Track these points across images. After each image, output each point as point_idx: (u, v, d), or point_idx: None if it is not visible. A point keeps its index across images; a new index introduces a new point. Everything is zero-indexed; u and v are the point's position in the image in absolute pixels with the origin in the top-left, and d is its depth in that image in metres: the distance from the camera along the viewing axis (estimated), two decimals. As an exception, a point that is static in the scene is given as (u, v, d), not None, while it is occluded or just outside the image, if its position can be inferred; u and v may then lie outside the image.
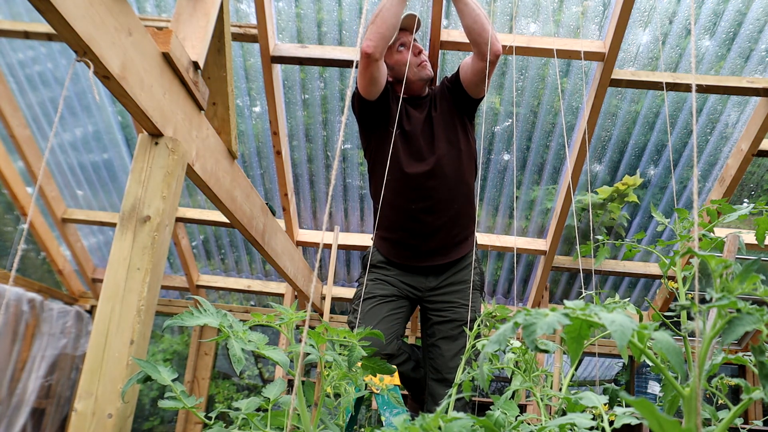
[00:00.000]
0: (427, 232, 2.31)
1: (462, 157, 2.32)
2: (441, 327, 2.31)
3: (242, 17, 3.31)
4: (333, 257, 2.16)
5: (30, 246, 4.43)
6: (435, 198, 2.29)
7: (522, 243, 3.93)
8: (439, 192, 2.29)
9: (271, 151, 3.72)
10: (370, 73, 2.15)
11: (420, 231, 2.32)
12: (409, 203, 2.29)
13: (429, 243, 2.33)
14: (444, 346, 2.28)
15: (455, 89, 2.33)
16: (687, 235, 1.19)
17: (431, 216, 2.30)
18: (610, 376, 7.08)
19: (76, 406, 1.37)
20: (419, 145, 2.29)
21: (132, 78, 1.39)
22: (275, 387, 1.21)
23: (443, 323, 2.31)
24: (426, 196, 2.28)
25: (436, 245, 2.33)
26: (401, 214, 2.32)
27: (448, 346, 2.28)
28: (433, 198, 2.29)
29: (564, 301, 0.64)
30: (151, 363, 1.15)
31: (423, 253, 2.34)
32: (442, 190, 2.29)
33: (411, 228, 2.32)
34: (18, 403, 3.95)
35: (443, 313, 2.32)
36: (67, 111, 3.75)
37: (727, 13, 2.93)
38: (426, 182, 2.27)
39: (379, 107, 2.27)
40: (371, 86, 2.20)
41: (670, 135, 3.42)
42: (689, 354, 1.06)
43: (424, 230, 2.31)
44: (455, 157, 2.31)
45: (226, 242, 4.44)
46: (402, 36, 2.29)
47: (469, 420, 0.76)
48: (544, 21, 3.09)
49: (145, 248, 1.48)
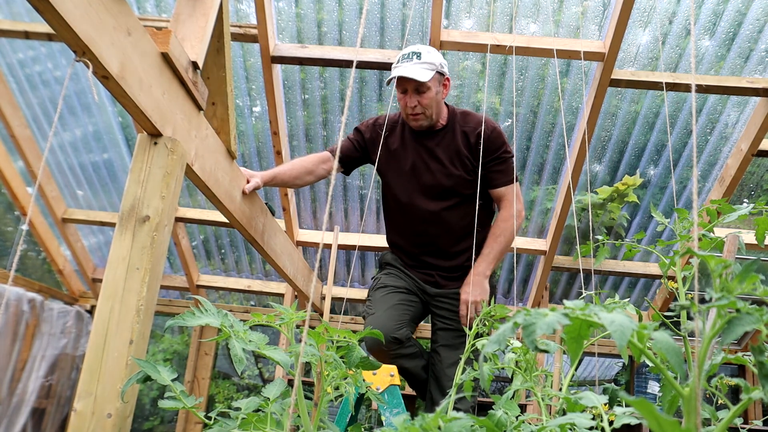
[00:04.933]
0: (425, 254, 2.38)
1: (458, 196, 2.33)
2: (443, 334, 2.34)
3: (242, 17, 3.31)
4: (333, 257, 2.16)
5: (30, 246, 4.43)
6: (429, 233, 2.35)
7: (522, 243, 3.92)
8: (432, 227, 2.34)
9: (271, 151, 3.72)
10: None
11: (420, 252, 2.39)
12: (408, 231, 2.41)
13: (429, 262, 2.38)
14: (443, 353, 2.31)
15: (480, 163, 2.20)
16: (687, 235, 1.19)
17: (427, 248, 2.37)
18: (609, 376, 7.07)
19: (75, 405, 1.37)
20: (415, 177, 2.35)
21: (131, 78, 1.39)
22: (275, 387, 1.21)
23: (446, 330, 2.35)
24: (420, 231, 2.36)
25: (436, 266, 2.37)
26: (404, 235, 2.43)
27: (447, 353, 2.29)
28: (427, 233, 2.35)
29: (564, 301, 0.64)
30: (150, 363, 1.15)
31: (425, 266, 2.39)
32: (435, 227, 2.34)
33: (413, 244, 2.40)
34: (18, 403, 3.95)
35: (446, 321, 2.35)
36: (67, 111, 3.75)
37: (727, 13, 2.93)
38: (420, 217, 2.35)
39: (373, 150, 2.37)
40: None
41: (670, 135, 3.42)
42: (689, 354, 1.06)
43: (423, 253, 2.39)
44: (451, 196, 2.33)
45: (226, 242, 4.44)
46: (404, 83, 2.20)
47: (469, 420, 0.76)
48: (544, 21, 3.09)
49: (144, 248, 1.47)
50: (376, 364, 1.29)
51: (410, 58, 2.16)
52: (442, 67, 2.20)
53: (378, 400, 1.35)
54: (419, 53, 2.17)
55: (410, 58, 2.17)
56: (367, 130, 2.40)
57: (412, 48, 2.21)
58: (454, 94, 3.44)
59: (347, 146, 2.41)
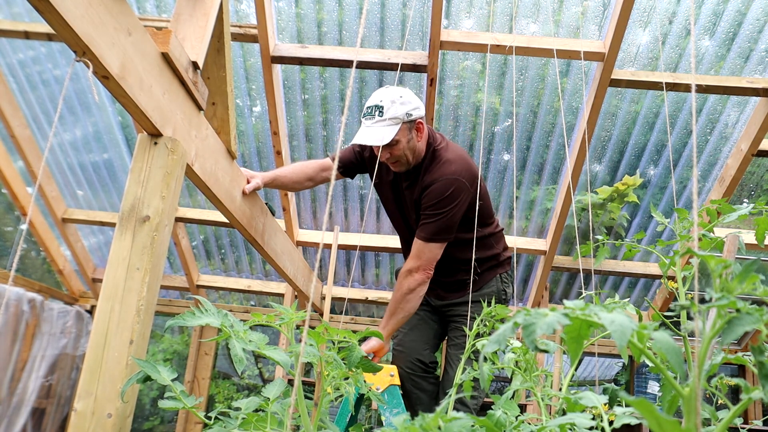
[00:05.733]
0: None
1: None
2: (451, 351, 2.40)
3: (242, 17, 3.31)
4: (333, 257, 2.16)
5: (30, 246, 4.43)
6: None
7: (522, 243, 3.93)
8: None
9: (271, 151, 3.72)
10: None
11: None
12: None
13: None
14: (450, 372, 2.37)
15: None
16: (687, 235, 1.19)
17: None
18: (609, 376, 7.07)
19: (75, 405, 1.37)
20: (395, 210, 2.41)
21: (131, 78, 1.39)
22: (275, 387, 1.21)
23: (454, 347, 2.41)
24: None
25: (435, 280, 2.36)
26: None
27: (455, 371, 2.31)
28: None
29: (564, 301, 0.64)
30: (150, 363, 1.15)
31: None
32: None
33: None
34: (18, 402, 3.95)
35: (456, 340, 2.41)
36: (67, 111, 3.75)
37: (727, 13, 2.93)
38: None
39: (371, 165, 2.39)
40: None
41: (670, 135, 3.42)
42: (689, 354, 1.06)
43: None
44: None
45: (226, 242, 4.44)
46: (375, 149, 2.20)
47: (469, 420, 0.76)
48: (544, 21, 3.09)
49: (144, 248, 1.48)
50: (376, 366, 1.29)
51: (371, 115, 2.08)
52: (409, 116, 2.09)
53: (378, 400, 1.35)
54: (381, 107, 2.06)
55: (371, 114, 2.08)
56: (368, 147, 2.37)
57: (375, 100, 2.10)
58: (454, 94, 3.44)
59: (348, 155, 2.41)
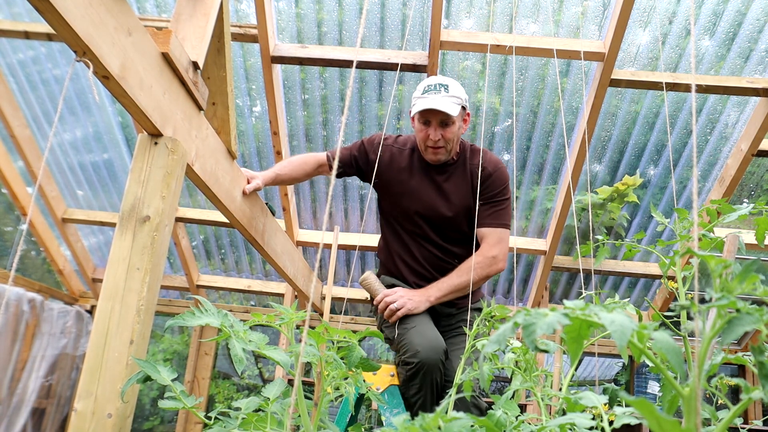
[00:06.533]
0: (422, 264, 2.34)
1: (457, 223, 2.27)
2: (457, 353, 2.34)
3: (242, 17, 3.31)
4: (333, 257, 2.16)
5: (30, 246, 4.43)
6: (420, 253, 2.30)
7: (522, 243, 3.93)
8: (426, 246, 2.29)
9: (271, 151, 3.72)
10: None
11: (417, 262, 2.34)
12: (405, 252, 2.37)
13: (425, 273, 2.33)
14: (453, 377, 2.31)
15: (478, 194, 2.18)
16: (687, 235, 1.19)
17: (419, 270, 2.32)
18: (609, 376, 7.08)
19: (75, 405, 1.37)
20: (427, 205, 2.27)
21: (131, 78, 1.39)
22: (275, 387, 1.21)
23: (459, 350, 2.33)
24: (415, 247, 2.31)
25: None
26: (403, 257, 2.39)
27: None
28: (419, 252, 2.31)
29: (564, 301, 0.64)
30: (150, 363, 1.15)
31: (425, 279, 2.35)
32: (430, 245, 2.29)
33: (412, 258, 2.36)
34: (18, 403, 3.95)
35: (453, 348, 2.29)
36: (67, 111, 3.75)
37: (727, 13, 2.93)
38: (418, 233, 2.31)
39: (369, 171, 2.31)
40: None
41: (670, 135, 3.42)
42: (689, 354, 1.06)
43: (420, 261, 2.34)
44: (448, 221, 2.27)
45: (226, 242, 4.44)
46: (430, 115, 2.11)
47: (469, 420, 0.76)
48: (544, 21, 3.09)
49: (144, 248, 1.48)
50: (375, 365, 1.29)
51: (437, 90, 2.08)
52: (466, 102, 2.15)
53: (378, 400, 1.35)
54: (447, 85, 2.09)
55: (437, 89, 2.09)
56: (371, 151, 2.32)
57: (438, 80, 2.12)
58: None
59: (345, 158, 2.35)
